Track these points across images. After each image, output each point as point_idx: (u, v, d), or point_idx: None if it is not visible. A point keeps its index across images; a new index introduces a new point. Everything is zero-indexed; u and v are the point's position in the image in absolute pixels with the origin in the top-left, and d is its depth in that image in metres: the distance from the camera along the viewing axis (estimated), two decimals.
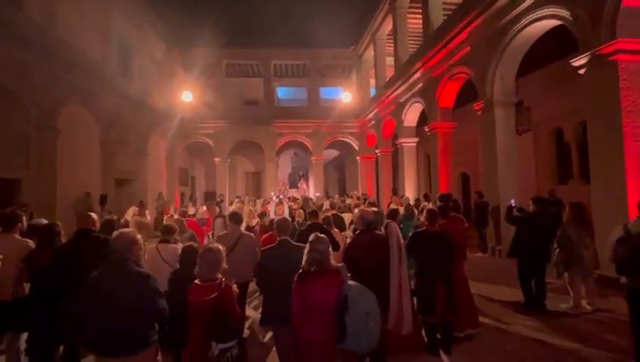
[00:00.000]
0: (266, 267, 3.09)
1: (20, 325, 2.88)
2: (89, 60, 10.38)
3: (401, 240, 3.29)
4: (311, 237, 2.41)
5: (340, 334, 2.16)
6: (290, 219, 4.19)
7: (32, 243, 3.20)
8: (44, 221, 4.32)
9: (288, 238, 3.24)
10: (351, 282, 2.35)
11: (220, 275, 2.39)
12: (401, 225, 5.83)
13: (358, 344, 2.17)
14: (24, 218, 3.42)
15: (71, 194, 9.48)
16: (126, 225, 5.64)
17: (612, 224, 5.17)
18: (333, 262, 2.39)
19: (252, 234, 4.61)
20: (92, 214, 3.53)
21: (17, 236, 3.25)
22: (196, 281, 2.39)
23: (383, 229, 3.35)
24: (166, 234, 3.88)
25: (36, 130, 8.41)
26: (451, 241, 3.61)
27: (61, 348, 3.00)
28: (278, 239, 3.24)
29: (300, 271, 2.36)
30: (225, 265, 2.46)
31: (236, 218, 4.30)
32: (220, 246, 2.49)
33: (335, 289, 2.26)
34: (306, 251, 2.37)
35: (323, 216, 5.38)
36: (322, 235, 2.45)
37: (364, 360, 2.83)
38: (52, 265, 2.84)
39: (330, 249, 2.41)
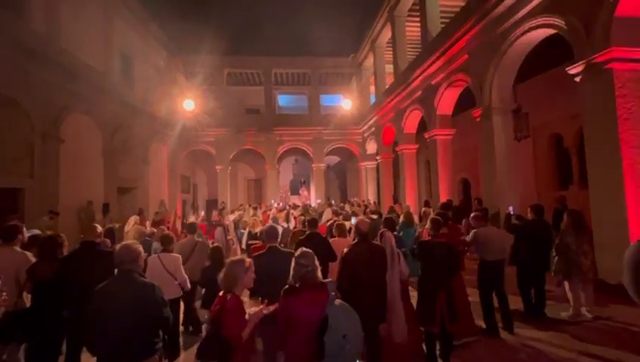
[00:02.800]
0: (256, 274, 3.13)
1: (22, 336, 2.92)
2: (92, 69, 10.52)
3: (395, 249, 3.32)
4: (297, 253, 2.44)
5: (319, 352, 2.14)
6: (278, 226, 4.65)
7: (31, 256, 3.20)
8: (37, 231, 4.38)
9: (277, 245, 3.35)
10: (337, 301, 2.32)
11: (236, 289, 2.33)
12: (401, 233, 5.89)
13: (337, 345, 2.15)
14: (24, 229, 3.44)
15: (73, 202, 9.55)
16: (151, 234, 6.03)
17: (610, 231, 5.21)
18: (319, 276, 2.39)
19: (206, 241, 5.42)
20: (98, 226, 3.57)
21: (17, 248, 3.26)
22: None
23: (378, 237, 3.38)
24: (165, 244, 3.92)
25: (40, 140, 8.50)
26: (455, 252, 3.57)
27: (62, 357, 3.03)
28: (267, 246, 3.34)
29: (287, 286, 2.37)
30: (242, 282, 2.38)
31: (191, 228, 5.14)
32: (241, 259, 2.45)
33: (319, 306, 2.23)
34: (292, 266, 2.39)
35: (327, 225, 5.47)
36: (307, 250, 2.45)
37: None
38: (55, 277, 2.88)
39: (317, 262, 2.40)
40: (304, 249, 2.47)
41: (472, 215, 4.81)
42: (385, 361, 3.21)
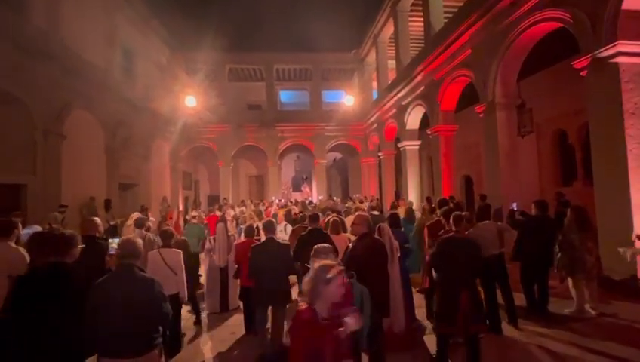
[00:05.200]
0: (254, 262, 3.74)
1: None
2: (93, 66, 10.51)
3: (394, 242, 3.31)
4: (315, 248, 2.47)
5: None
6: (275, 221, 5.03)
7: (23, 251, 3.09)
8: (38, 227, 4.36)
9: (273, 236, 3.87)
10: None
11: (317, 303, 1.95)
12: (403, 228, 5.85)
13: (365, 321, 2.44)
14: (19, 224, 3.38)
15: (76, 199, 9.56)
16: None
17: (615, 227, 5.15)
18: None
19: (151, 235, 5.27)
20: (95, 219, 3.56)
21: (12, 244, 3.17)
22: None
23: (377, 232, 3.38)
24: (165, 239, 3.92)
25: (42, 136, 8.51)
26: (478, 248, 3.34)
27: None
28: (266, 237, 3.87)
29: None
30: (322, 295, 1.92)
31: (139, 222, 5.13)
32: (328, 265, 2.02)
33: (346, 287, 2.31)
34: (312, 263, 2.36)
35: (327, 221, 5.48)
36: (324, 244, 2.52)
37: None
38: None
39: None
40: (320, 245, 2.52)
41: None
42: (386, 351, 3.20)
